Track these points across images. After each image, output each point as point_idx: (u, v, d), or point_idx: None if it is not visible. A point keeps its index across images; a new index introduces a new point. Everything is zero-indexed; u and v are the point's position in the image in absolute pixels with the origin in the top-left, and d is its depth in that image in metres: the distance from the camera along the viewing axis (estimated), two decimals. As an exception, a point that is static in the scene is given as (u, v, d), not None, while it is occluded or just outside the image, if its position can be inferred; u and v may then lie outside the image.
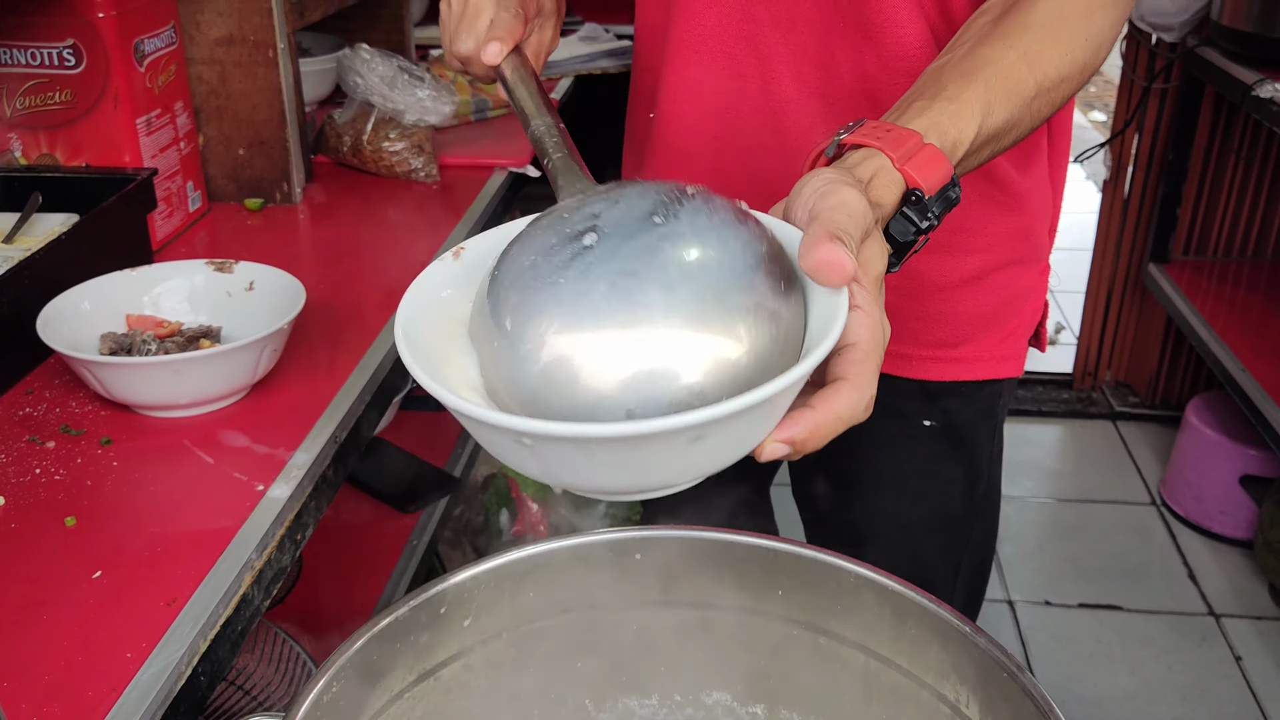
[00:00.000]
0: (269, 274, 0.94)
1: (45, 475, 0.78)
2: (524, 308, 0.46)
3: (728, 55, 0.82)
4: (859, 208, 0.50)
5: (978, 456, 0.95)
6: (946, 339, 0.88)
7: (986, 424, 0.94)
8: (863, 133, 0.58)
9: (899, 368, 0.89)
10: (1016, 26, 0.67)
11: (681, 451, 0.44)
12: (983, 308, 0.88)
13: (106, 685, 0.59)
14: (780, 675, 0.70)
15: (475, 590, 0.66)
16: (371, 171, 1.38)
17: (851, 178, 0.53)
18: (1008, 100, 0.64)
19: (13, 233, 0.99)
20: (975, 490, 0.96)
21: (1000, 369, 0.90)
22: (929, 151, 0.58)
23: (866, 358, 0.50)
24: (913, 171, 0.57)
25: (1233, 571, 2.08)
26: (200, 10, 1.19)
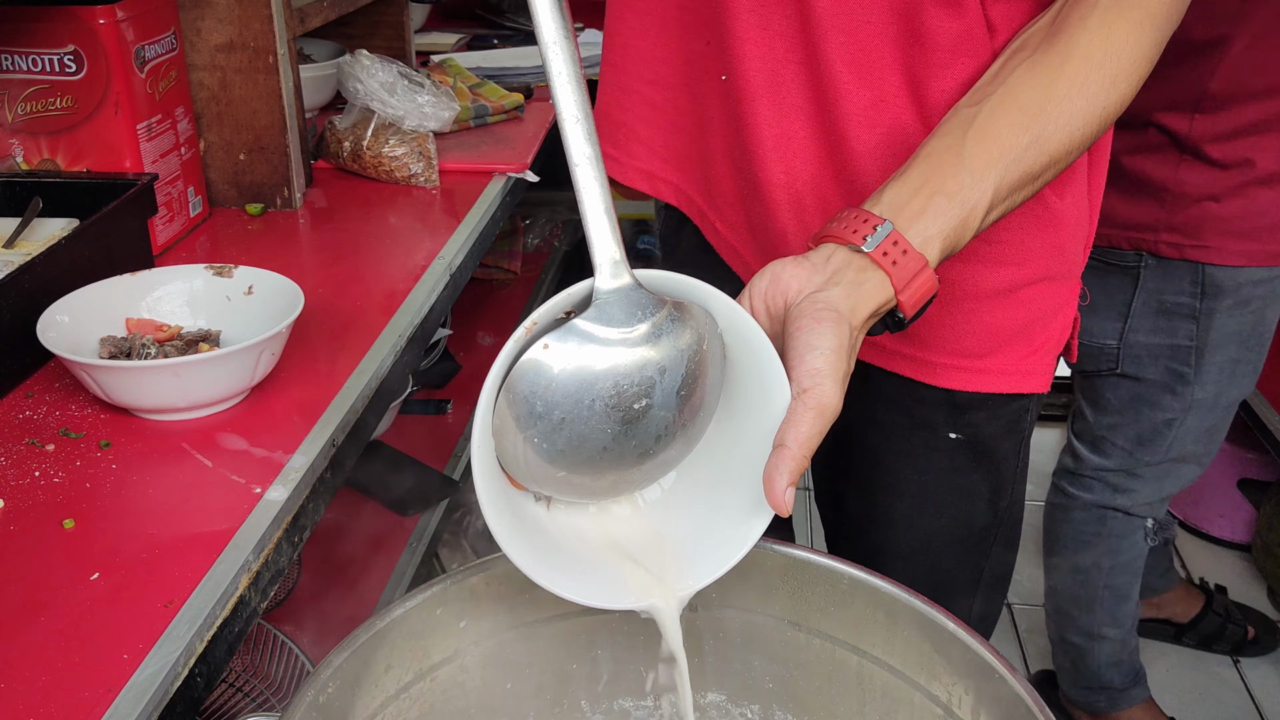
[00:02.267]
0: (268, 278, 0.94)
1: (45, 478, 0.78)
2: (573, 457, 0.56)
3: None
4: (838, 355, 0.58)
5: (1002, 470, 0.93)
6: (974, 349, 0.87)
7: (1013, 438, 0.92)
8: (883, 249, 0.62)
9: (924, 373, 0.88)
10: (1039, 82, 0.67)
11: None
12: (1012, 320, 0.86)
13: (103, 686, 0.59)
14: (774, 677, 0.71)
15: (471, 592, 0.66)
16: (371, 177, 1.39)
17: (847, 302, 0.60)
18: (1017, 190, 0.67)
19: (14, 237, 0.99)
20: (999, 503, 0.94)
21: (1026, 383, 0.89)
22: (924, 278, 0.63)
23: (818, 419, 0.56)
24: (906, 298, 0.63)
25: (1231, 574, 2.08)
26: (201, 17, 1.20)
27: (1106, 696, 1.70)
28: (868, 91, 0.78)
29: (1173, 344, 1.47)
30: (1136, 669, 1.70)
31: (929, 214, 0.64)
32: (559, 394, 0.54)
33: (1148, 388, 1.51)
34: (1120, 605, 1.65)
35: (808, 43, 0.79)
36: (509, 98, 1.64)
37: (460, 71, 1.74)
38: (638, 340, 0.55)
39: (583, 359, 0.54)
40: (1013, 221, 0.82)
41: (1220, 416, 1.54)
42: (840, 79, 0.78)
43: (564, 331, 0.54)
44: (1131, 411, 1.54)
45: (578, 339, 0.54)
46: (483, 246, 1.28)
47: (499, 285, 2.11)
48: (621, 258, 0.56)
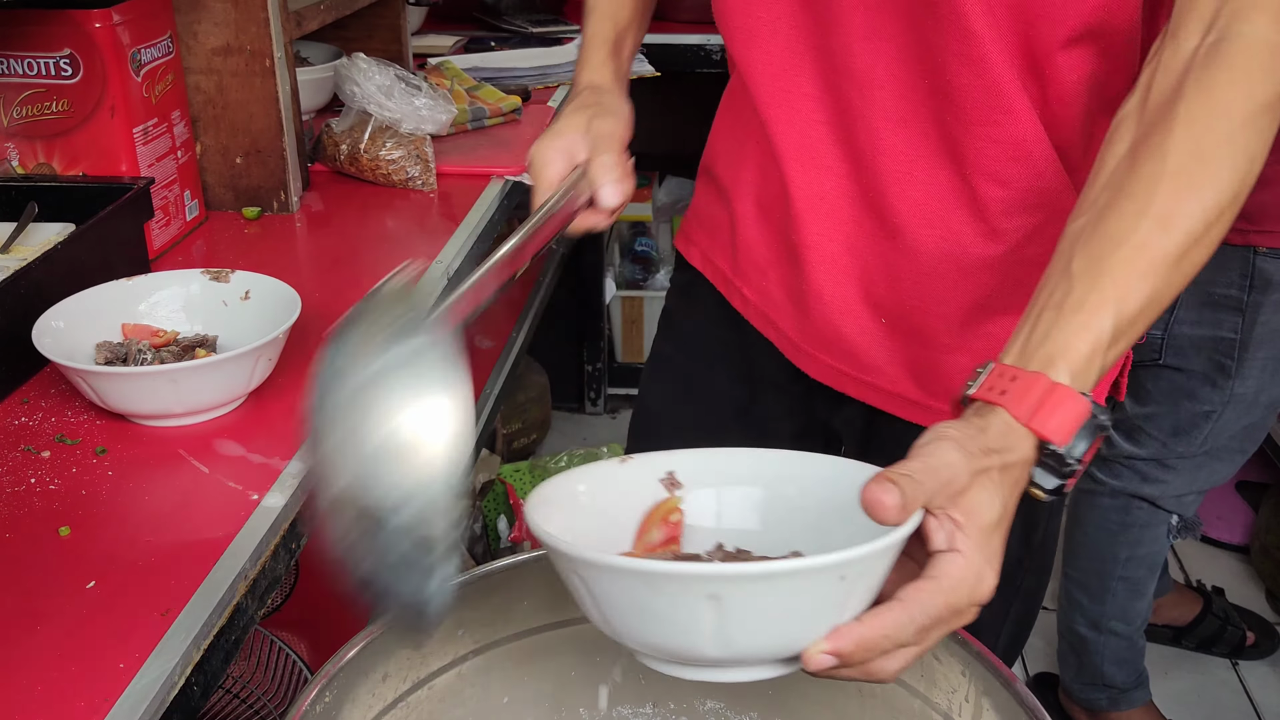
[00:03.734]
0: (265, 283, 0.94)
1: (40, 485, 0.78)
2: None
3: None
4: (944, 459, 0.52)
5: (1038, 506, 0.90)
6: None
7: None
8: (988, 384, 0.57)
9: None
10: (1146, 182, 0.59)
11: (700, 608, 0.48)
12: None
13: (99, 695, 0.59)
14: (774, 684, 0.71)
15: (468, 599, 0.66)
16: (369, 180, 1.38)
17: (963, 430, 0.54)
18: (1144, 279, 0.58)
19: (9, 242, 0.99)
20: (1032, 538, 0.91)
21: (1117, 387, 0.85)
22: (1057, 397, 0.55)
23: (937, 591, 0.51)
24: (1039, 426, 0.55)
25: (1229, 577, 2.08)
26: (198, 20, 1.20)
27: (1108, 695, 1.70)
28: (901, 149, 0.76)
29: (1216, 336, 1.46)
30: (1140, 671, 1.70)
31: (1036, 333, 0.57)
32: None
33: (1188, 379, 1.51)
34: (1133, 601, 1.65)
35: (836, 101, 0.78)
36: (506, 100, 1.63)
37: (457, 74, 1.73)
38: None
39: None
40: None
41: (1260, 415, 1.53)
42: (871, 137, 0.77)
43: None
44: (1170, 402, 1.53)
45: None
46: (480, 250, 1.28)
47: (497, 288, 2.10)
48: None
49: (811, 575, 0.48)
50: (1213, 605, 1.91)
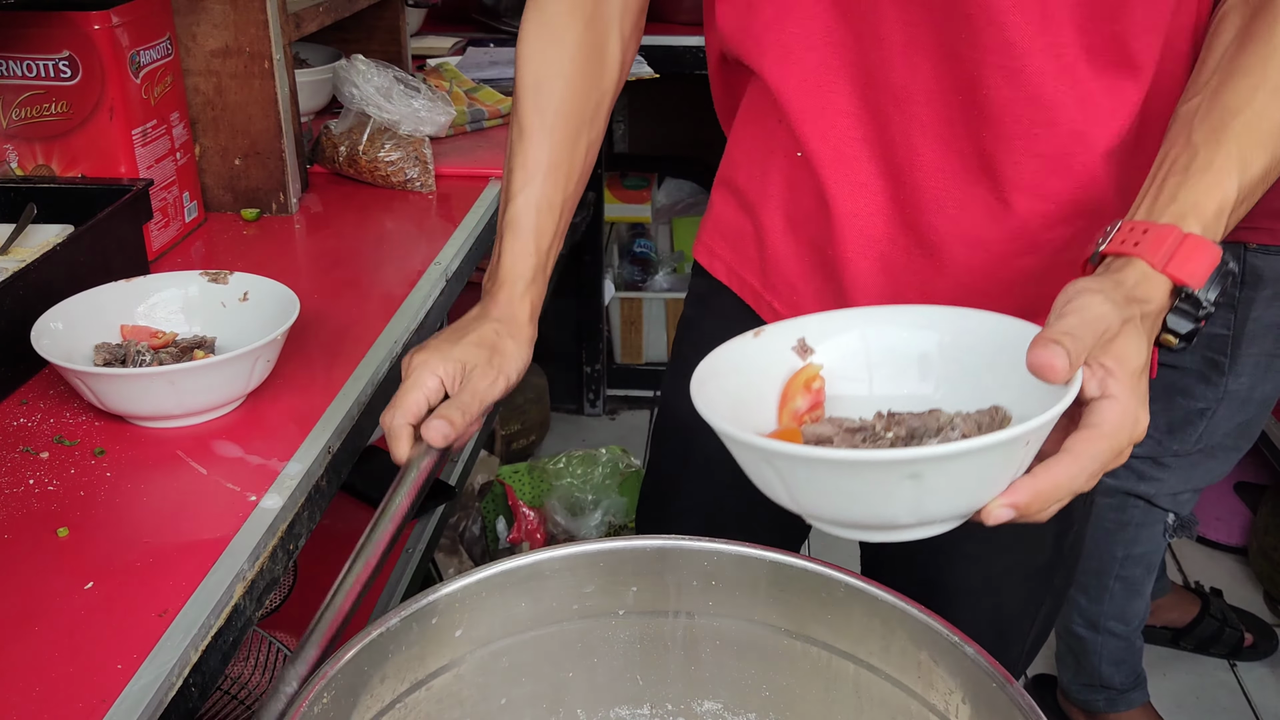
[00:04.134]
0: (263, 284, 0.94)
1: (39, 486, 0.78)
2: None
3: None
4: (1096, 312, 0.55)
5: (1073, 506, 0.88)
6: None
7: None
8: (1120, 238, 0.60)
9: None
10: (1259, 57, 0.62)
11: (900, 487, 0.52)
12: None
13: (97, 696, 0.59)
14: (771, 685, 0.71)
15: (466, 601, 0.66)
16: (367, 181, 1.39)
17: (1104, 283, 0.57)
18: (1263, 147, 0.62)
19: (8, 243, 0.99)
20: (1063, 541, 0.91)
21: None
22: (1190, 244, 0.59)
23: (1100, 437, 0.54)
24: (1175, 271, 0.58)
25: (1227, 578, 2.08)
26: (196, 22, 1.20)
27: (1105, 696, 1.70)
28: (939, 165, 0.76)
29: (1209, 332, 1.45)
30: (1138, 672, 1.70)
31: (1164, 195, 0.60)
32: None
33: (1182, 376, 1.50)
34: (1130, 601, 1.64)
35: (874, 117, 0.77)
36: (505, 102, 1.64)
37: (456, 76, 1.73)
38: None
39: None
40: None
41: (1255, 412, 1.53)
42: (910, 153, 0.77)
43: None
44: (1164, 399, 1.53)
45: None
46: (479, 251, 1.28)
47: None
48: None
49: (1004, 447, 0.52)
50: (1210, 606, 1.91)
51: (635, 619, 0.70)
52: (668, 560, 0.69)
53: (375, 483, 1.46)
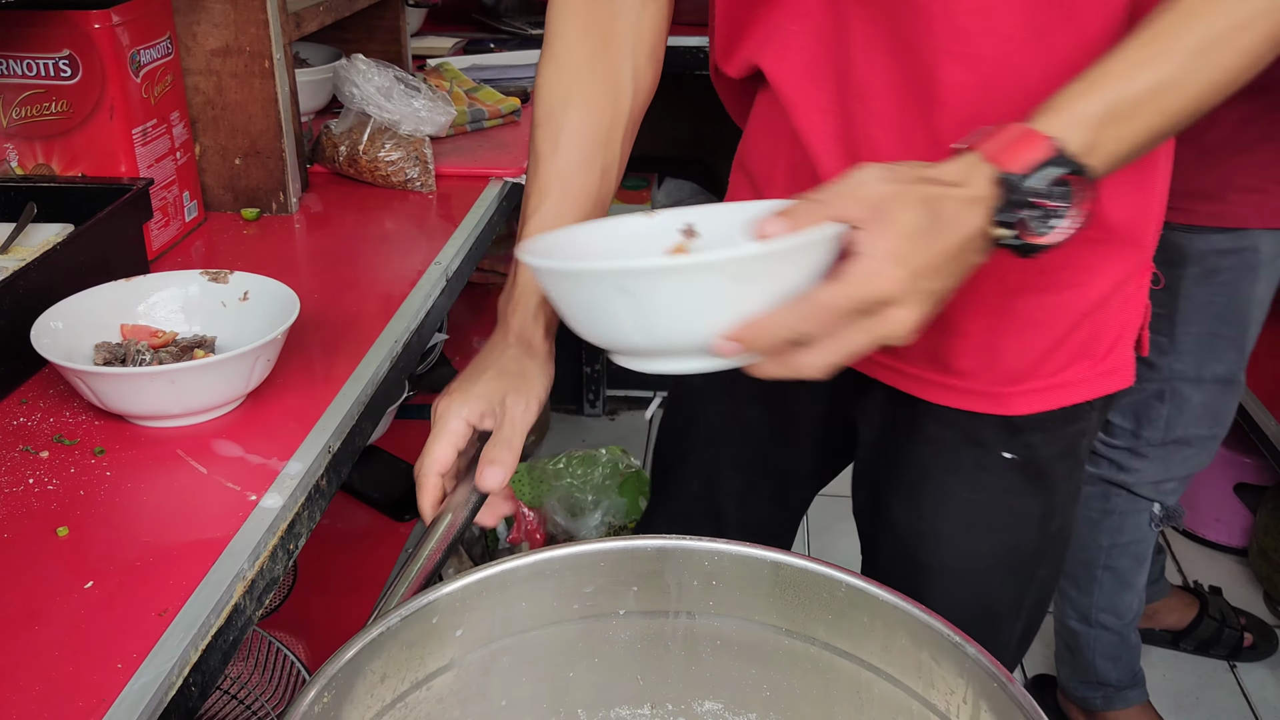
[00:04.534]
0: (263, 284, 0.94)
1: (38, 485, 0.78)
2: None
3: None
4: (854, 181, 0.59)
5: (1055, 493, 0.90)
6: (1047, 368, 0.84)
7: (1069, 460, 0.89)
8: (969, 139, 0.62)
9: (987, 405, 0.85)
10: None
11: (616, 301, 0.57)
12: (1084, 335, 0.83)
13: (97, 696, 0.59)
14: (772, 685, 0.71)
15: (467, 600, 0.66)
16: (368, 181, 1.39)
17: (891, 166, 0.60)
18: (1152, 62, 0.61)
19: (8, 242, 0.99)
20: (1049, 527, 0.91)
21: (1108, 384, 0.86)
22: (1028, 137, 0.60)
23: (836, 286, 0.57)
24: (998, 158, 0.60)
25: (1227, 578, 2.08)
26: (197, 21, 1.20)
27: (1103, 694, 1.70)
28: (895, 155, 0.77)
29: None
30: (1135, 670, 1.70)
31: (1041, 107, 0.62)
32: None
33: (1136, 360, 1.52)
34: (1120, 593, 1.65)
35: (843, 113, 0.80)
36: (505, 102, 1.64)
37: (456, 75, 1.73)
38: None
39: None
40: (1085, 255, 0.79)
41: (1215, 395, 1.54)
42: (870, 146, 0.79)
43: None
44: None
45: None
46: (479, 251, 1.28)
47: (495, 289, 2.11)
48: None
49: (696, 270, 0.56)
50: (1209, 607, 1.91)
51: (636, 619, 0.70)
52: (668, 560, 0.69)
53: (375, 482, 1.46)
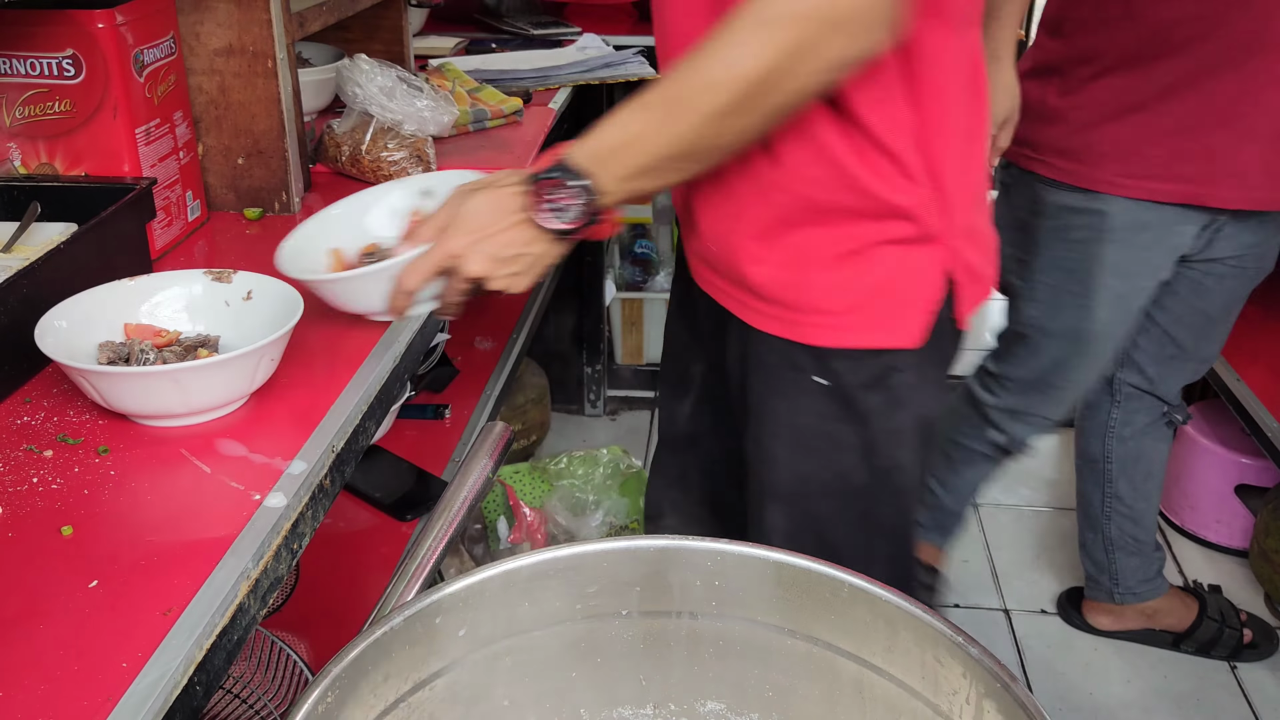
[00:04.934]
0: (267, 283, 0.94)
1: (42, 484, 0.78)
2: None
3: None
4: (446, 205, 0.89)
5: (871, 425, 0.99)
6: (834, 306, 0.94)
7: (881, 394, 0.97)
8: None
9: (792, 331, 0.96)
10: (713, 31, 0.80)
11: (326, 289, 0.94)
12: (866, 278, 0.93)
13: (102, 695, 0.59)
14: (774, 685, 0.71)
15: (470, 600, 0.66)
16: (370, 181, 1.39)
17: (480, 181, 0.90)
18: (644, 108, 0.82)
19: (11, 242, 0.99)
20: (874, 461, 0.99)
21: (892, 338, 0.95)
22: (549, 153, 0.85)
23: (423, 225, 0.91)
24: (533, 165, 0.85)
25: (1228, 580, 2.09)
26: (200, 21, 1.20)
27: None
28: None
29: (1011, 254, 1.61)
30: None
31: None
32: None
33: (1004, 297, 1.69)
34: (957, 472, 1.82)
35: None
36: (508, 102, 1.64)
37: (459, 75, 1.74)
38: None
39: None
40: (834, 186, 0.91)
41: (1063, 349, 1.64)
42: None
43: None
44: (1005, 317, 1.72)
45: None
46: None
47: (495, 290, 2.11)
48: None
49: (351, 279, 0.93)
50: (1208, 608, 1.91)
51: (638, 619, 0.71)
52: (671, 560, 0.69)
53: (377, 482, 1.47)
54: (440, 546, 0.72)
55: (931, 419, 1.01)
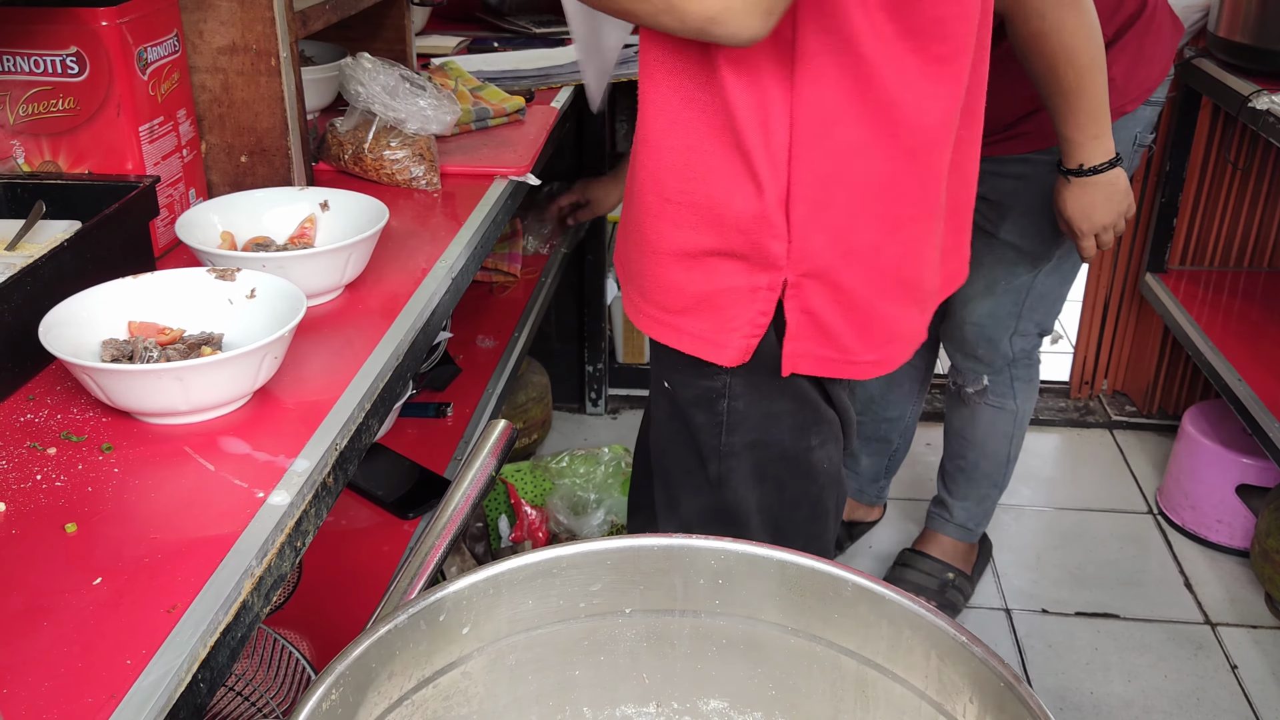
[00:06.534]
0: (270, 281, 0.94)
1: (46, 481, 0.78)
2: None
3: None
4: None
5: (701, 440, 1.06)
6: (669, 305, 0.99)
7: (707, 414, 1.04)
8: None
9: (639, 320, 1.03)
10: None
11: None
12: (696, 285, 0.97)
13: (106, 692, 0.59)
14: (777, 683, 0.71)
15: (473, 598, 0.66)
16: (373, 180, 1.39)
17: None
18: None
19: (16, 240, 0.99)
20: (708, 471, 1.07)
21: (711, 352, 0.99)
22: None
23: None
24: None
25: (1229, 580, 2.09)
26: (204, 19, 1.20)
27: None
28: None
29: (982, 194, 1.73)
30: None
31: None
32: None
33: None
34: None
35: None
36: (510, 101, 1.64)
37: (461, 74, 1.73)
38: None
39: None
40: (694, 187, 0.94)
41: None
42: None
43: None
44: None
45: None
46: (484, 250, 1.28)
47: (498, 288, 2.11)
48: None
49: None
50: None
51: (642, 617, 0.71)
52: (675, 559, 0.69)
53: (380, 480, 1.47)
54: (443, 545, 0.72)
55: (771, 444, 1.05)
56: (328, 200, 1.15)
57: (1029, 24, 1.37)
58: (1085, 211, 1.51)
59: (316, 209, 1.15)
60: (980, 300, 1.76)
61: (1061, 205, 1.53)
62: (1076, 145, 1.46)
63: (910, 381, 2.00)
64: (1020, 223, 1.68)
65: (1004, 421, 1.88)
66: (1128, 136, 1.62)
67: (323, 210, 1.15)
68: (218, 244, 1.07)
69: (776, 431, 1.05)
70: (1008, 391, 1.85)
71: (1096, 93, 1.40)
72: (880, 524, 2.22)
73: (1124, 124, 1.58)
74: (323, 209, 1.15)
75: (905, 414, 2.04)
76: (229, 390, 0.85)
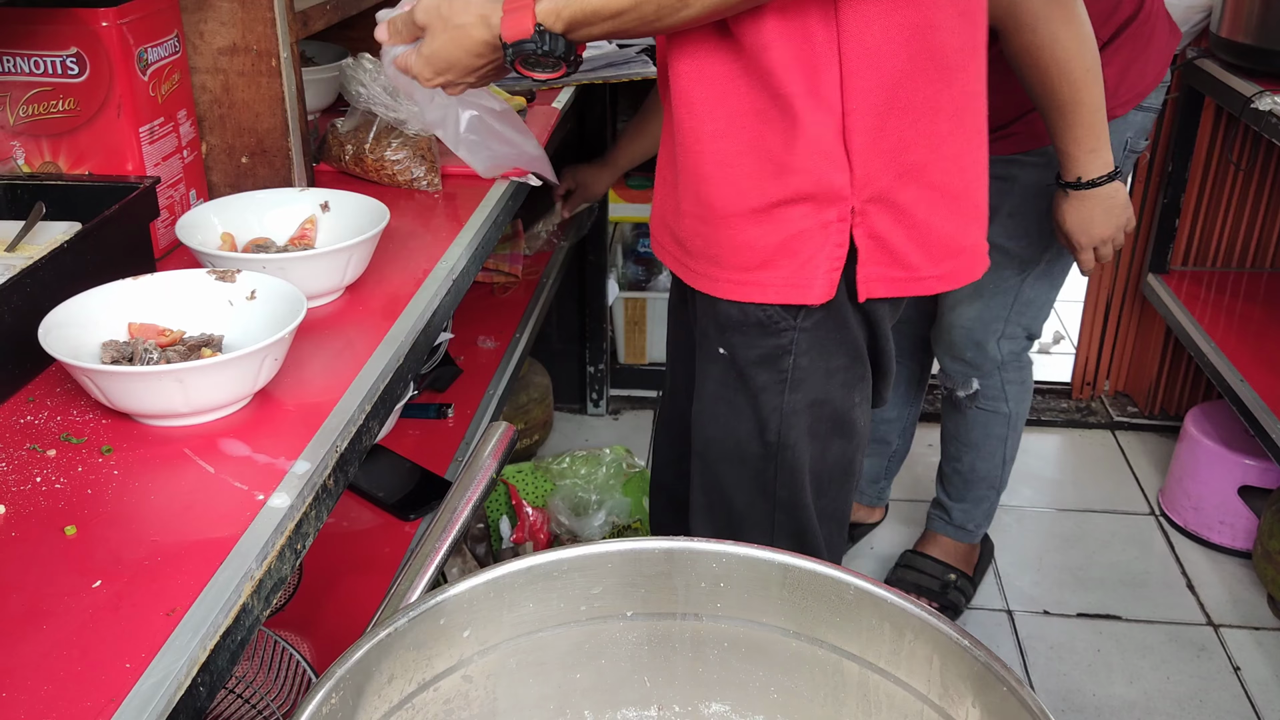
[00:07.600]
0: (271, 283, 0.94)
1: (46, 484, 0.78)
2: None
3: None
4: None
5: (762, 402, 1.07)
6: (748, 263, 1.01)
7: (771, 372, 1.05)
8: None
9: (706, 285, 1.05)
10: None
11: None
12: (773, 236, 1.00)
13: (106, 695, 0.59)
14: (779, 687, 0.71)
15: (474, 602, 0.66)
16: (374, 180, 1.39)
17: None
18: None
19: (16, 241, 0.99)
20: (765, 436, 1.08)
21: (796, 295, 1.01)
22: (518, 5, 0.94)
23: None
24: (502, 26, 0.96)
25: (1231, 582, 2.08)
26: (204, 20, 1.20)
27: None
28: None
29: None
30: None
31: None
32: None
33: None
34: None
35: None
36: (511, 101, 1.63)
37: (462, 75, 1.73)
38: None
39: None
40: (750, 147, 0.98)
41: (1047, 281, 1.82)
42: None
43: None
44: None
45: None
46: (485, 251, 1.28)
47: (499, 289, 2.11)
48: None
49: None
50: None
51: (643, 621, 0.70)
52: (676, 562, 0.69)
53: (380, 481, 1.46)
54: (444, 546, 0.72)
55: (826, 402, 1.08)
56: (328, 201, 1.15)
57: (1020, 36, 1.36)
58: (1084, 225, 1.50)
59: (317, 210, 1.15)
60: (968, 304, 1.76)
61: (1060, 218, 1.52)
62: (1073, 159, 1.45)
63: (905, 383, 1.99)
64: (1007, 224, 1.67)
65: (998, 424, 1.87)
66: (1119, 141, 1.62)
67: (323, 211, 1.15)
68: (218, 245, 1.07)
69: (831, 389, 1.08)
70: (999, 395, 1.84)
71: (1093, 106, 1.39)
72: (881, 525, 2.22)
73: (1114, 128, 1.58)
74: (323, 210, 1.15)
75: (903, 414, 2.03)
76: (229, 392, 0.85)
